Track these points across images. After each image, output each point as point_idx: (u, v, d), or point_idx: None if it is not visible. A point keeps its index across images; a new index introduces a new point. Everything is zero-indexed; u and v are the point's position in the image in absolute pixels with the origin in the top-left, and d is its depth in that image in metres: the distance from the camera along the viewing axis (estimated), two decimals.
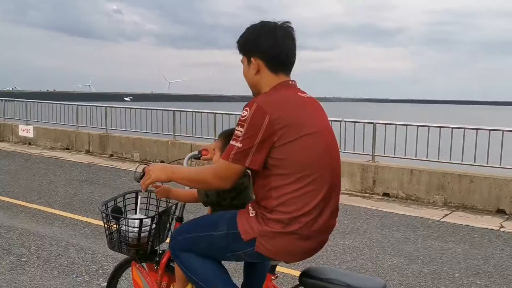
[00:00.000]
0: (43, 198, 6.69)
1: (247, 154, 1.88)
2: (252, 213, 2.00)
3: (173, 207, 2.52)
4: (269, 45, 2.02)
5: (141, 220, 2.35)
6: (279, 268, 2.17)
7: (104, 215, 2.38)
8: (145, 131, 10.91)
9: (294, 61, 2.10)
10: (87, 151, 11.54)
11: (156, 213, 2.44)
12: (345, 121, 8.20)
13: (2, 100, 14.33)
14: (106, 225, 2.40)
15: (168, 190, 2.40)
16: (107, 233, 2.43)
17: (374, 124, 7.87)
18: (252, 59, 2.06)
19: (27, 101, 13.47)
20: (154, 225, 2.40)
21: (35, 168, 9.25)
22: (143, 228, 2.35)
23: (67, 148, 11.91)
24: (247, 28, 2.10)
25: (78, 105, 12.20)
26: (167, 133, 10.40)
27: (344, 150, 8.20)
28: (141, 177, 2.16)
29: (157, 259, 2.53)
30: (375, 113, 52.76)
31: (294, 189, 1.91)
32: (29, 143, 12.68)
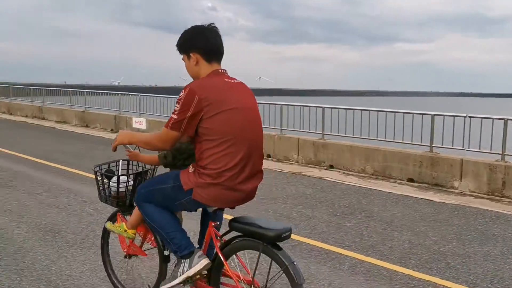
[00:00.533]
0: None
1: (181, 124, 2.50)
2: (191, 170, 2.62)
3: (149, 171, 3.14)
4: (203, 42, 2.64)
5: (118, 177, 3.03)
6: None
7: (97, 173, 3.10)
8: None
9: (223, 52, 2.71)
10: None
11: (132, 173, 3.09)
12: (470, 117, 7.58)
13: (117, 94, 15.38)
14: (98, 182, 3.12)
15: (137, 155, 3.01)
16: (99, 189, 3.13)
17: (505, 120, 7.17)
18: (191, 54, 2.66)
19: (140, 95, 14.30)
20: (130, 183, 3.05)
21: None
22: (122, 185, 3.02)
23: None
24: (182, 33, 2.71)
25: None
26: (273, 127, 10.41)
27: (468, 148, 7.61)
28: None
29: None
30: (478, 107, 49.08)
31: (219, 151, 2.50)
32: None
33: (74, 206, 5.84)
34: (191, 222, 3.59)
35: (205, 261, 2.71)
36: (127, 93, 15.40)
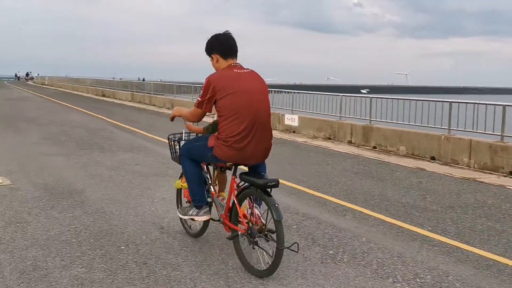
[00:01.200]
0: (325, 187, 6.72)
1: (203, 104, 3.64)
2: (216, 135, 3.66)
3: None
4: (219, 45, 3.73)
5: (179, 141, 4.22)
6: None
7: (169, 139, 4.34)
8: (413, 123, 10.18)
9: (237, 49, 3.76)
10: (349, 142, 11.50)
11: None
12: None
13: (271, 91, 15.65)
14: (170, 147, 4.35)
15: (190, 126, 4.12)
16: (171, 151, 4.36)
17: None
18: (212, 55, 3.76)
19: (292, 92, 14.32)
20: None
21: (306, 156, 9.60)
22: None
23: (329, 138, 12.13)
24: (206, 42, 3.80)
25: (342, 95, 12.30)
26: (439, 127, 9.46)
27: None
28: None
29: None
30: None
31: (227, 123, 3.53)
32: (293, 132, 13.44)
33: None
34: None
35: (205, 217, 3.95)
36: (280, 90, 15.59)
